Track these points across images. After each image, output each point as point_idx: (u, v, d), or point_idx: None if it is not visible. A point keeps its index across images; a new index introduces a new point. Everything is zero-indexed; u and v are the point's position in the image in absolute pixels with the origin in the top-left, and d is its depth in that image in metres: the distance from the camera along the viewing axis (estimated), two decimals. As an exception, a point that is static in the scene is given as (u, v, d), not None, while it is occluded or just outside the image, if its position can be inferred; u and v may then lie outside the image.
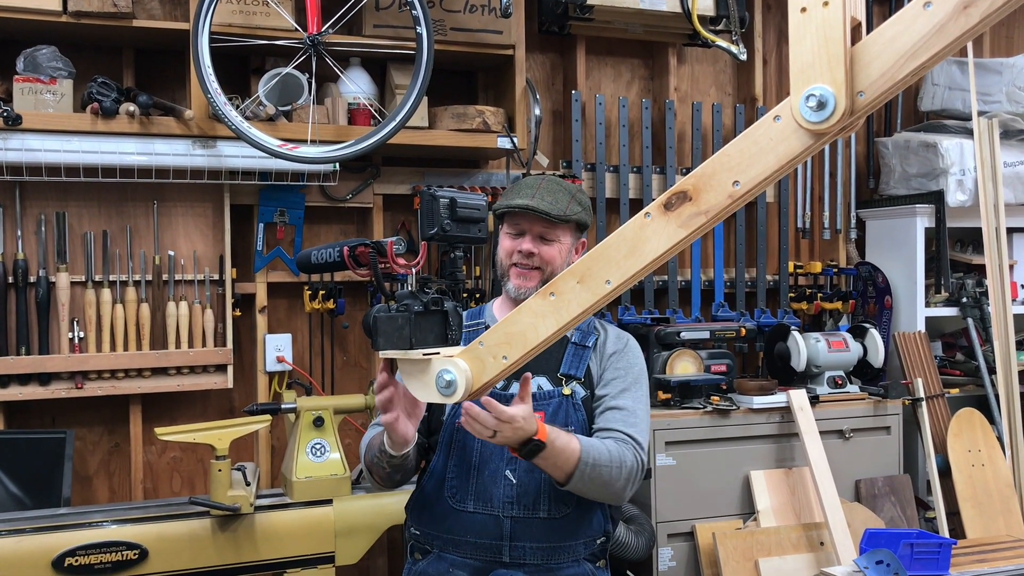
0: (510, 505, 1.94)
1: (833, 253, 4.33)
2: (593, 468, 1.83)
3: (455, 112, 3.34)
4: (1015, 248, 4.28)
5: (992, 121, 4.00)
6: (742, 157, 1.26)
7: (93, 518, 2.72)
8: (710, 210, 1.31)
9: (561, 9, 3.60)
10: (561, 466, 1.80)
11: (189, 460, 3.41)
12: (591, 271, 1.43)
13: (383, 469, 1.92)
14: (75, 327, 3.12)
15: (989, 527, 3.67)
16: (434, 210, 1.78)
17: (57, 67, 3.01)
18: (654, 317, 3.80)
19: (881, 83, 1.14)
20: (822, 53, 1.15)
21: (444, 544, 1.99)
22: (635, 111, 3.97)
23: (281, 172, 3.21)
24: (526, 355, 1.56)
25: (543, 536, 1.95)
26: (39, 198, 3.14)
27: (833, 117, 1.16)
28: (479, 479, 1.97)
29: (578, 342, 2.05)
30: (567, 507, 1.96)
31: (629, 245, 1.38)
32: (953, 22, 1.07)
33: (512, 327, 1.55)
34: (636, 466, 1.91)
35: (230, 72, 3.23)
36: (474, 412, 1.65)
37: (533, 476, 1.95)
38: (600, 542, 2.02)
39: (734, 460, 3.53)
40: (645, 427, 2.01)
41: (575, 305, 1.46)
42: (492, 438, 1.68)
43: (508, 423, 1.64)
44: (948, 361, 4.33)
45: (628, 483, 1.90)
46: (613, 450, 1.88)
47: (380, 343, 1.66)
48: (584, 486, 1.85)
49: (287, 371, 3.41)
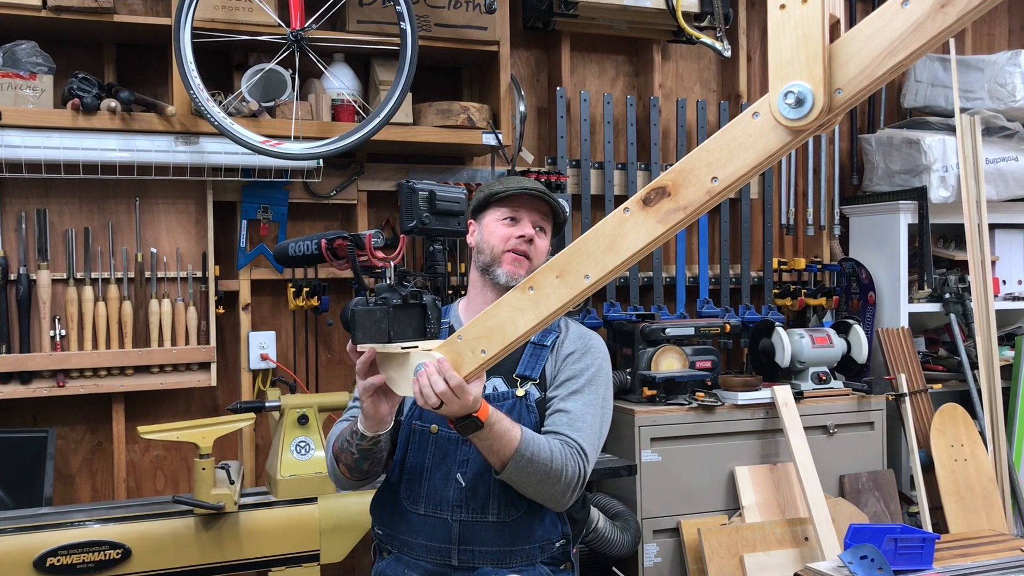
0: (459, 509, 1.93)
1: (817, 249, 4.34)
2: (530, 462, 1.79)
3: (440, 108, 3.33)
4: (997, 244, 4.31)
5: (974, 118, 4.02)
6: (721, 153, 1.26)
7: (75, 517, 2.70)
8: (688, 206, 1.31)
9: (546, 5, 3.59)
10: (498, 451, 1.77)
11: (173, 459, 3.39)
12: (570, 266, 1.43)
13: (351, 455, 1.88)
14: (57, 325, 3.09)
15: (971, 521, 3.69)
16: (413, 203, 1.76)
17: (37, 62, 2.98)
18: (639, 313, 3.80)
19: (859, 80, 1.14)
20: (800, 50, 1.16)
21: (401, 545, 1.99)
22: (620, 108, 3.97)
23: (264, 168, 3.19)
24: (504, 349, 1.56)
25: (493, 540, 1.92)
26: (19, 195, 3.11)
27: (811, 114, 1.16)
28: (431, 482, 1.96)
29: (537, 342, 2.03)
30: (517, 510, 1.93)
31: (608, 240, 1.38)
32: (930, 20, 1.08)
33: (490, 321, 1.56)
34: (577, 473, 1.86)
35: (213, 68, 3.21)
36: (431, 374, 1.61)
37: (483, 479, 1.92)
38: (559, 545, 1.98)
39: (719, 456, 3.54)
40: (593, 433, 1.94)
41: (554, 300, 1.47)
42: (438, 408, 1.64)
43: (458, 396, 1.61)
44: (931, 357, 4.36)
45: (568, 489, 1.85)
46: (556, 451, 1.84)
47: (358, 336, 1.65)
48: (519, 479, 1.81)
49: (271, 369, 3.39)
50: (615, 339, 3.76)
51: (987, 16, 4.77)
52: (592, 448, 1.92)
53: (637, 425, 3.41)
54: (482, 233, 2.06)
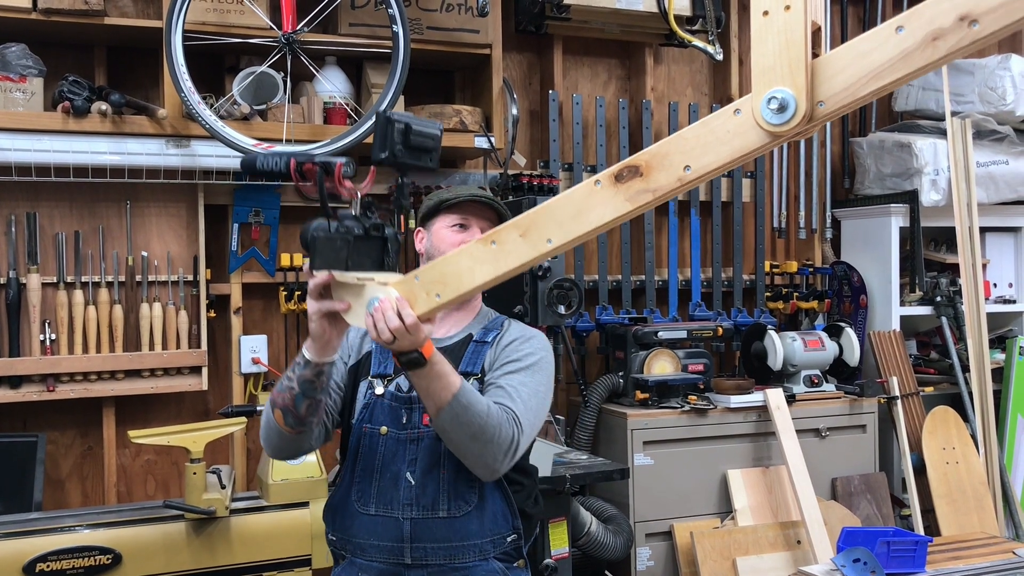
0: (409, 507, 1.94)
1: (809, 253, 4.35)
2: (466, 410, 1.77)
3: (432, 111, 3.33)
4: (988, 247, 4.32)
5: (965, 121, 4.04)
6: (697, 143, 1.27)
7: (65, 522, 2.68)
8: (658, 189, 1.32)
9: (538, 8, 3.59)
10: (435, 394, 1.75)
11: (163, 463, 3.38)
12: (535, 226, 1.44)
13: (290, 392, 1.83)
14: (47, 329, 3.08)
15: (963, 524, 3.70)
16: (387, 134, 1.71)
17: (27, 65, 2.97)
18: (631, 317, 3.80)
19: (843, 96, 1.16)
20: (783, 56, 1.17)
21: (353, 549, 2.00)
22: (612, 111, 3.97)
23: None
24: (459, 296, 1.58)
25: (444, 536, 1.94)
26: (9, 198, 3.09)
27: (792, 121, 1.18)
28: (380, 482, 1.97)
29: (479, 339, 2.05)
30: (467, 504, 1.95)
31: (576, 208, 1.40)
32: (920, 51, 1.09)
33: (449, 267, 1.57)
34: (511, 437, 1.84)
35: (204, 71, 3.20)
36: (387, 310, 1.61)
37: (432, 477, 1.94)
38: (511, 540, 2.00)
39: (711, 459, 3.54)
40: (529, 410, 1.91)
41: (514, 257, 1.48)
42: (389, 344, 1.64)
43: (411, 333, 1.62)
44: (923, 359, 4.37)
45: (500, 452, 1.82)
46: (493, 410, 1.82)
47: (316, 262, 1.65)
48: (453, 428, 1.79)
49: (263, 372, 3.38)
50: (607, 342, 3.76)
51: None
52: (528, 423, 1.90)
53: (629, 428, 3.41)
54: (431, 240, 2.08)
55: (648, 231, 3.93)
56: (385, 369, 2.02)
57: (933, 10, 1.07)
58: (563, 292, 3.15)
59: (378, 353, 2.04)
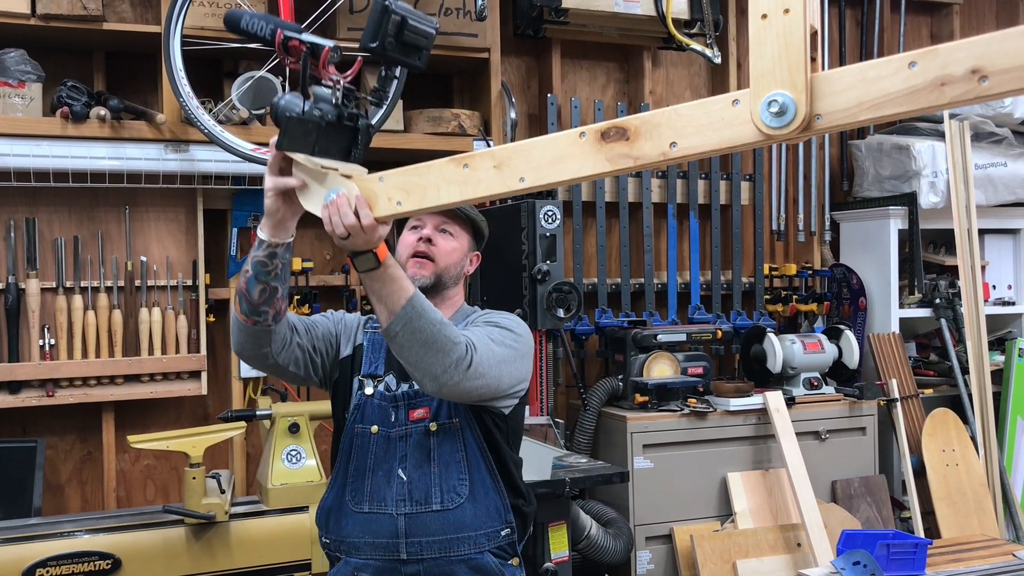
0: (402, 503, 1.95)
1: (808, 255, 4.35)
2: (420, 317, 1.73)
3: (430, 115, 3.33)
4: (987, 249, 4.32)
5: (963, 124, 4.04)
6: (690, 122, 1.26)
7: (65, 528, 2.67)
8: (640, 158, 1.30)
9: (536, 12, 3.60)
10: (388, 298, 1.71)
11: (163, 468, 3.37)
12: (511, 161, 1.42)
13: (245, 276, 1.82)
14: (46, 334, 3.08)
15: (963, 526, 3.70)
16: (382, 24, 1.63)
17: (26, 71, 2.97)
18: (631, 320, 3.80)
19: (840, 116, 1.15)
20: (783, 60, 1.16)
21: (348, 548, 2.01)
22: (611, 114, 3.98)
23: (255, 176, 3.18)
24: (420, 209, 1.56)
25: (438, 529, 1.95)
26: (8, 203, 3.09)
27: (789, 127, 1.17)
28: (373, 480, 1.98)
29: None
30: (459, 496, 1.96)
31: (555, 154, 1.38)
32: (927, 92, 1.09)
33: (416, 178, 1.53)
34: (466, 354, 1.78)
35: (203, 75, 3.20)
36: (343, 207, 1.59)
37: (423, 471, 1.95)
38: (505, 535, 2.01)
39: (711, 462, 3.54)
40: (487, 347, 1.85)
41: (483, 186, 1.45)
42: (343, 240, 1.61)
43: (366, 233, 1.59)
44: (922, 362, 4.37)
45: (454, 365, 1.76)
46: (448, 324, 1.79)
47: (283, 142, 1.60)
48: (406, 335, 1.74)
49: (262, 377, 3.38)
50: (607, 345, 3.76)
51: (976, 22, 4.80)
52: (485, 356, 1.82)
53: (629, 432, 3.41)
54: (398, 246, 2.08)
55: (647, 234, 3.93)
56: (376, 369, 2.02)
57: (947, 56, 1.07)
58: (562, 295, 3.15)
59: (369, 352, 2.04)
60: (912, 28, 4.61)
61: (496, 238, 2.18)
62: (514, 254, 3.23)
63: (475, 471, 1.98)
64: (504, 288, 3.26)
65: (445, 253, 2.03)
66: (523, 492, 2.06)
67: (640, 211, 3.94)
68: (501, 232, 3.13)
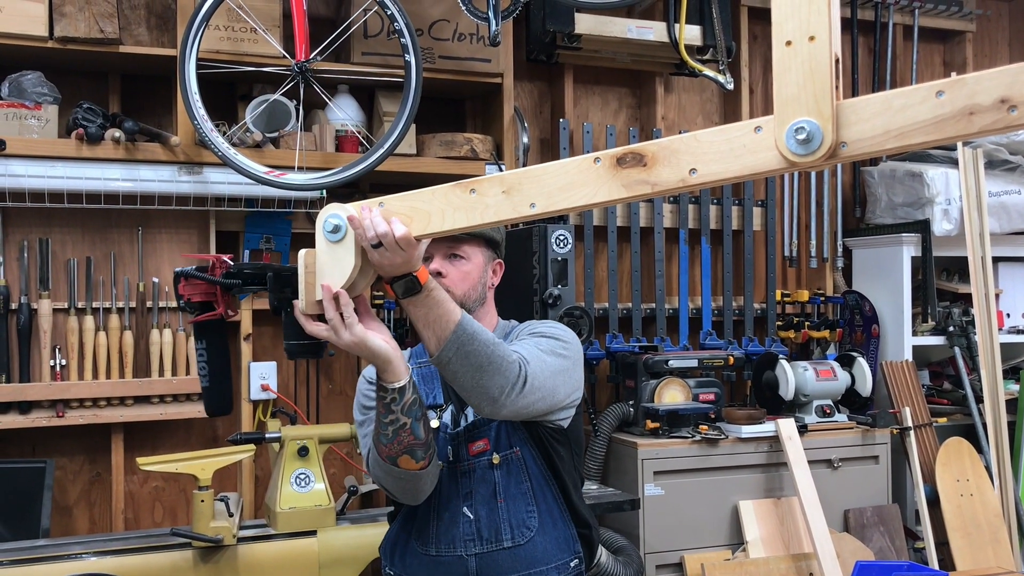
0: (471, 543, 1.90)
1: (820, 282, 4.33)
2: (471, 340, 1.62)
3: (443, 140, 3.34)
4: (1001, 277, 4.30)
5: (977, 151, 4.03)
6: (710, 149, 1.24)
7: (72, 550, 2.67)
8: (658, 184, 1.27)
9: (549, 38, 3.61)
10: (435, 322, 1.61)
11: (171, 490, 3.36)
12: (520, 186, 1.39)
13: (403, 430, 1.70)
14: (57, 354, 3.08)
15: (978, 557, 3.65)
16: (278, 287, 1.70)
17: (42, 92, 2.99)
18: (642, 345, 3.79)
19: (867, 144, 1.14)
20: (808, 87, 1.15)
21: None
22: (623, 139, 3.98)
23: (268, 199, 3.19)
24: (423, 235, 1.51)
25: (510, 566, 1.90)
26: (22, 224, 3.11)
27: (816, 154, 1.15)
28: (439, 522, 1.93)
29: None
30: (529, 530, 1.91)
31: (568, 180, 1.35)
32: (954, 121, 1.08)
33: (420, 203, 1.49)
34: (520, 372, 1.71)
35: (217, 98, 3.22)
36: (374, 216, 1.52)
37: (490, 507, 1.91)
38: (574, 565, 1.98)
39: (723, 490, 3.51)
40: (536, 360, 1.79)
41: (492, 212, 1.41)
42: (375, 247, 1.52)
43: (404, 248, 1.50)
44: (935, 390, 4.33)
45: (508, 384, 1.69)
46: (500, 343, 1.71)
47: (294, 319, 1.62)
48: (458, 361, 1.64)
49: (272, 399, 3.37)
50: (617, 371, 3.74)
51: (988, 47, 4.80)
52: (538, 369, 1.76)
53: (640, 458, 3.38)
54: None
55: (659, 259, 3.92)
56: (435, 399, 1.97)
57: (975, 85, 1.06)
58: (573, 320, 3.14)
59: (421, 385, 1.97)
60: (925, 55, 4.61)
61: (508, 262, 2.16)
62: (525, 278, 3.22)
63: (542, 502, 1.93)
64: (516, 312, 3.24)
65: (459, 280, 1.95)
66: (586, 520, 2.01)
67: (652, 236, 3.93)
68: (512, 256, 3.12)
